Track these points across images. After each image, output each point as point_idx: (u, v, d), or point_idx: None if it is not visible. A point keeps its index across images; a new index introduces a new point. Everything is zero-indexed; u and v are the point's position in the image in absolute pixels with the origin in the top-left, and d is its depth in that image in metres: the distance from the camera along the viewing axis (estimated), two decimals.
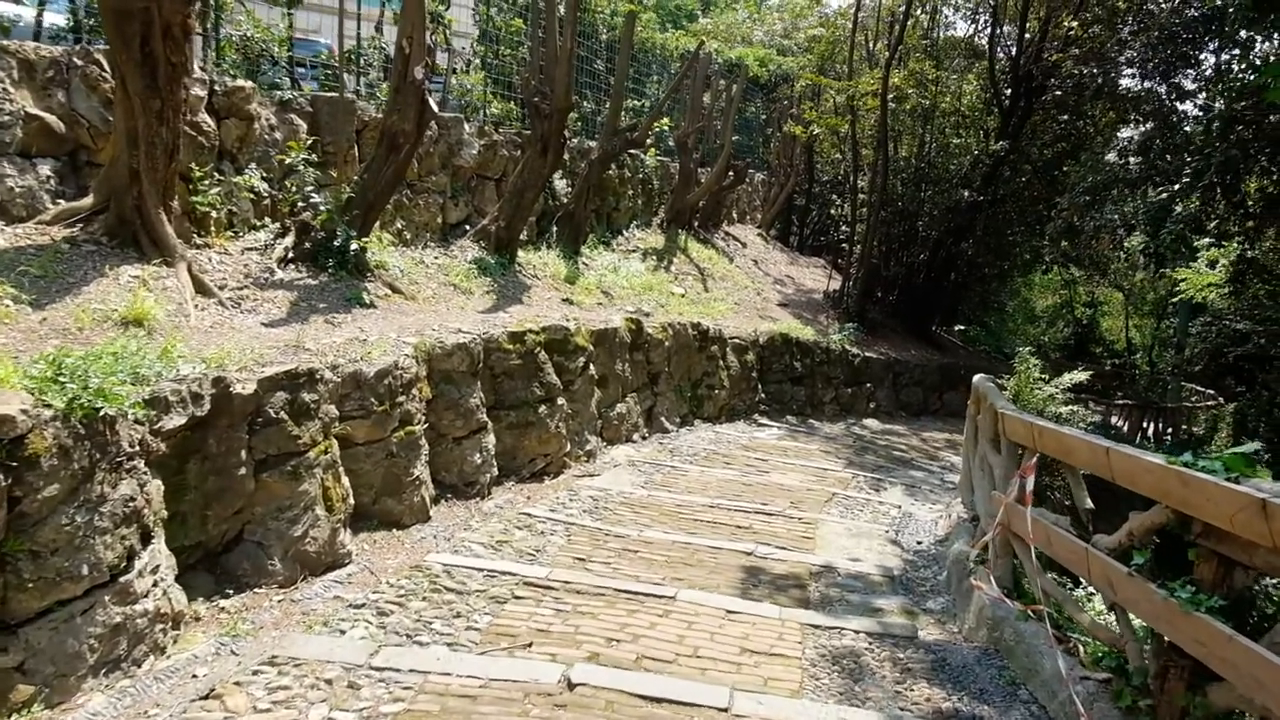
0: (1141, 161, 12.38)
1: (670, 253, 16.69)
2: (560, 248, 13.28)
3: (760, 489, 8.38)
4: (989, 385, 6.40)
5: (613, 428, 10.07)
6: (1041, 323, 34.88)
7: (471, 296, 9.75)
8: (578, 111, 15.93)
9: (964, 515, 6.84)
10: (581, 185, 13.65)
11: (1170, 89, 15.71)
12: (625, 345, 10.49)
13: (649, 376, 11.24)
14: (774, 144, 26.19)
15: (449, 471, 7.11)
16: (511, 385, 8.04)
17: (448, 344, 7.07)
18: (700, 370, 12.46)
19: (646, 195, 17.46)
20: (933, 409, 17.90)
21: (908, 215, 19.14)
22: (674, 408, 11.67)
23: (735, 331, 13.54)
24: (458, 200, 11.39)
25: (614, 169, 15.53)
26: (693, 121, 17.64)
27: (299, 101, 8.56)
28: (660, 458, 9.59)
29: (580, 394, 9.16)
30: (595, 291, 12.54)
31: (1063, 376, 10.00)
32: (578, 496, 7.56)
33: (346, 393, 5.80)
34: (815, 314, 17.89)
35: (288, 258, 7.72)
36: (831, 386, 15.24)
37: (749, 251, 20.71)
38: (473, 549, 5.83)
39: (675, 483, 8.38)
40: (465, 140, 11.36)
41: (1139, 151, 12.92)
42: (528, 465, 8.17)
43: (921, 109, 18.32)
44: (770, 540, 6.69)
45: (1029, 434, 4.71)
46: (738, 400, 13.26)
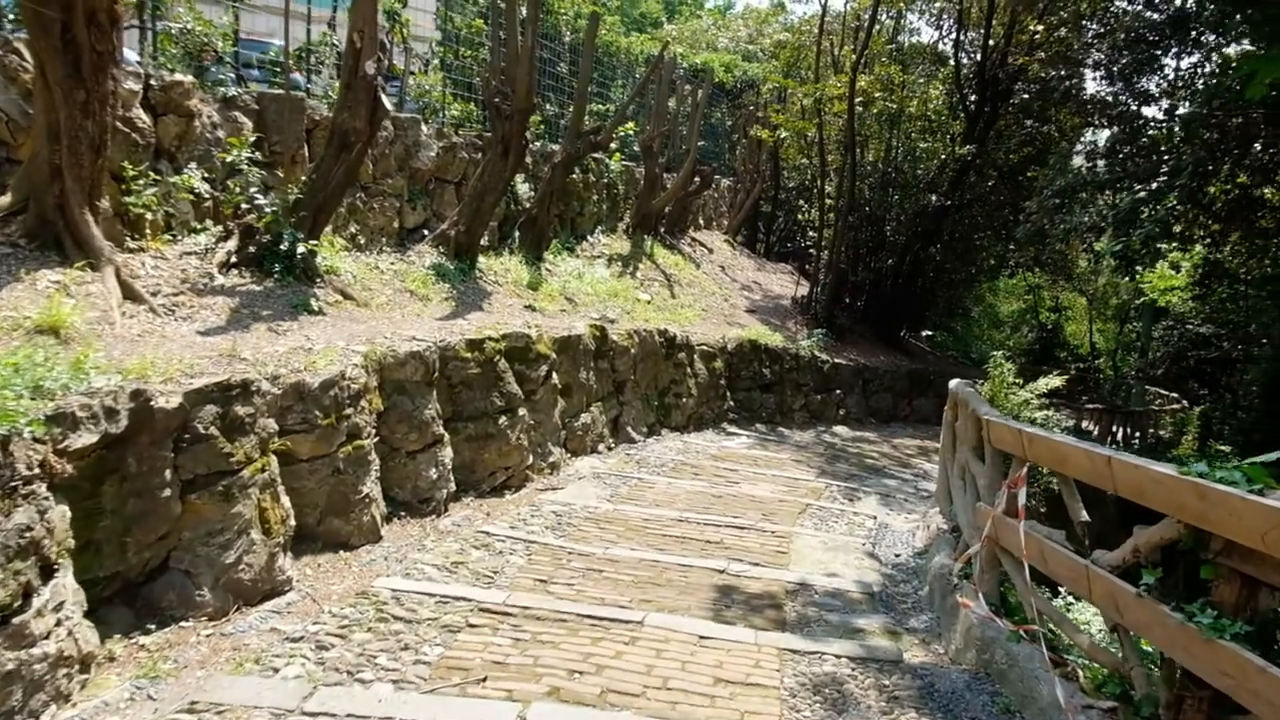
0: (1110, 164, 12.30)
1: (636, 259, 16.38)
2: (523, 253, 12.90)
3: (731, 501, 8.06)
4: (969, 390, 6.13)
5: (577, 438, 9.70)
6: (1006, 328, 35.09)
7: (429, 303, 9.34)
8: (540, 114, 15.57)
9: (943, 526, 6.56)
10: (544, 189, 13.28)
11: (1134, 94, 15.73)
12: (589, 353, 10.14)
13: (614, 385, 10.90)
14: (740, 150, 26.02)
15: (402, 488, 6.70)
16: (470, 395, 7.64)
17: (400, 352, 6.66)
18: (667, 378, 12.13)
19: (611, 200, 17.13)
20: (902, 415, 17.74)
21: (875, 220, 19.01)
22: (641, 417, 11.32)
23: (703, 338, 13.25)
24: (415, 204, 10.97)
25: (578, 173, 15.18)
26: (657, 125, 17.35)
27: (244, 99, 8.11)
28: (627, 469, 9.24)
29: (543, 404, 8.79)
30: (559, 298, 12.18)
31: (1038, 381, 9.82)
32: (540, 512, 7.18)
33: (288, 405, 5.38)
34: (784, 320, 17.66)
35: (230, 262, 7.27)
36: (801, 393, 14.99)
37: (716, 257, 20.46)
38: (425, 571, 5.42)
39: (642, 495, 8.03)
40: (423, 142, 10.95)
41: (1107, 155, 12.85)
42: (487, 479, 7.77)
43: (888, 113, 18.20)
44: (743, 556, 6.35)
45: (1018, 442, 4.43)
46: (706, 408, 12.95)
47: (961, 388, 6.38)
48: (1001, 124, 19.00)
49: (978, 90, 18.39)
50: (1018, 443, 4.43)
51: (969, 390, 6.15)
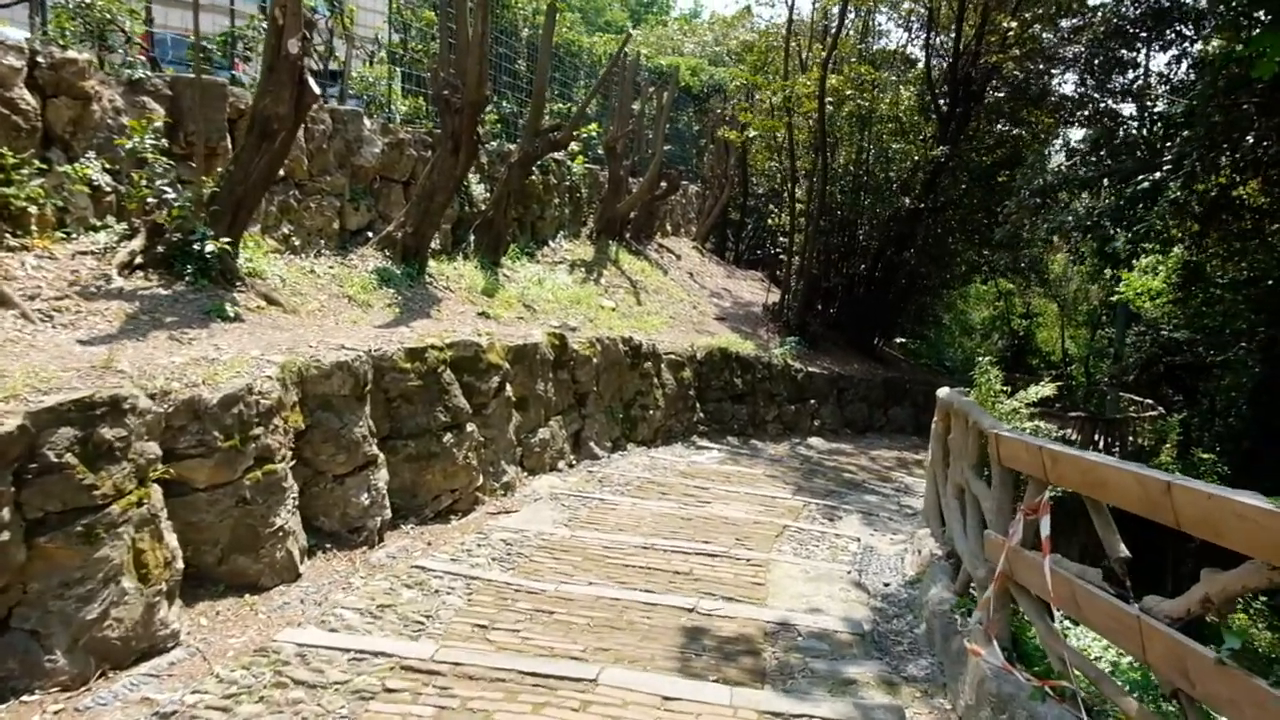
0: (1096, 161, 11.82)
1: (600, 264, 15.65)
2: (478, 258, 12.13)
3: (701, 523, 7.33)
4: (966, 400, 5.47)
5: (534, 456, 8.93)
6: (976, 335, 34.79)
7: (369, 310, 8.54)
8: (497, 112, 14.84)
9: (937, 552, 5.88)
10: (501, 190, 12.52)
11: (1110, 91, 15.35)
12: (548, 363, 9.38)
13: (576, 397, 10.14)
14: (708, 155, 25.44)
15: (328, 516, 5.90)
16: (410, 411, 6.86)
17: (326, 363, 5.87)
18: (633, 389, 11.40)
19: (574, 204, 16.40)
20: (878, 425, 17.15)
21: (847, 224, 18.46)
22: (604, 431, 10.58)
23: (671, 346, 12.54)
24: (358, 204, 10.17)
25: (538, 174, 14.45)
26: (621, 126, 16.66)
27: (154, 83, 7.28)
28: (588, 489, 8.48)
29: (495, 419, 8.02)
30: (516, 305, 11.41)
31: (1028, 389, 9.22)
32: (488, 540, 6.40)
33: (179, 426, 4.57)
34: (755, 328, 17.01)
35: (134, 264, 6.43)
36: (774, 404, 14.33)
37: (684, 264, 19.79)
38: (345, 618, 4.63)
39: (604, 519, 7.27)
40: (366, 137, 10.15)
41: (1091, 151, 12.38)
42: (430, 504, 6.98)
43: (859, 114, 17.67)
44: (715, 589, 5.62)
45: (1036, 461, 3.74)
46: (674, 421, 12.23)
47: (956, 397, 5.71)
48: (974, 125, 18.56)
49: (949, 90, 17.93)
50: (1037, 462, 3.75)
51: (967, 400, 5.48)
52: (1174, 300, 19.24)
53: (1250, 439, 12.09)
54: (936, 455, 6.77)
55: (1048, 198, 12.66)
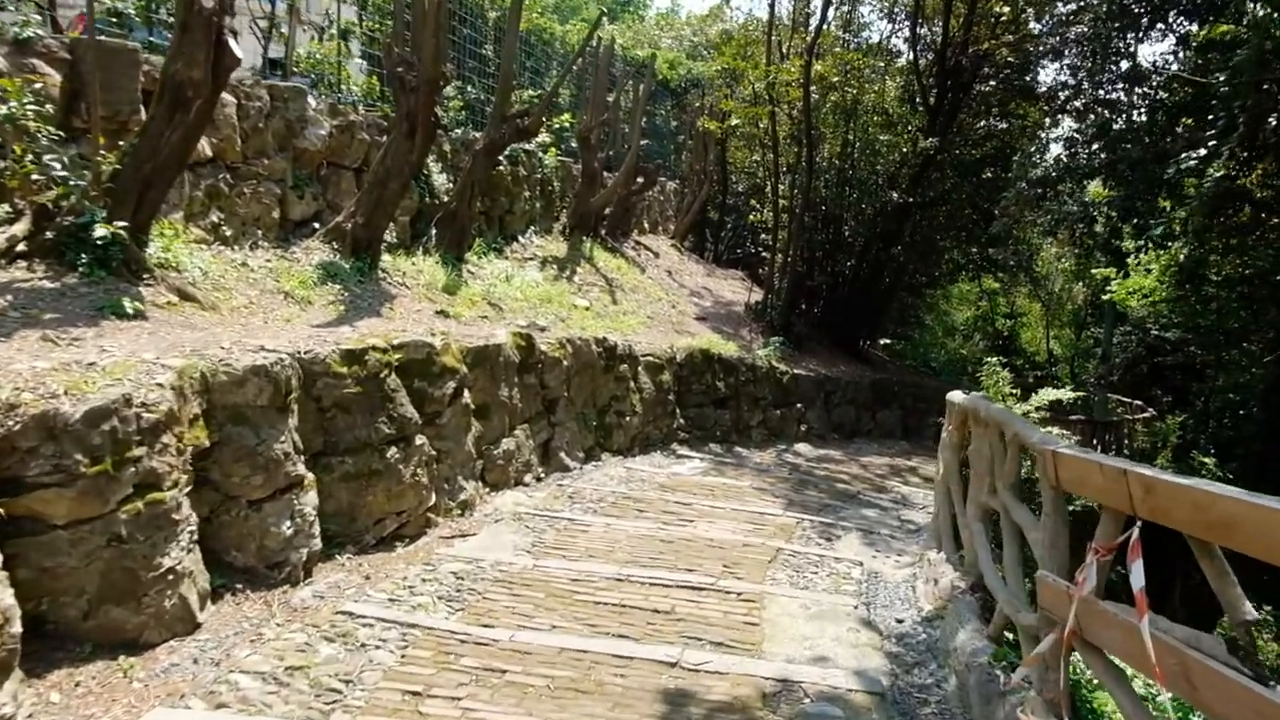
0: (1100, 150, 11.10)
1: (573, 261, 14.76)
2: (440, 253, 11.20)
3: (684, 547, 6.45)
4: (1002, 409, 4.62)
5: (497, 469, 8.02)
6: (959, 335, 34.17)
7: (309, 308, 7.60)
8: (463, 98, 13.93)
9: (958, 584, 5.02)
10: (465, 181, 11.59)
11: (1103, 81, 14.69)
12: (512, 366, 8.48)
13: (544, 403, 9.24)
14: (686, 152, 24.63)
15: (242, 549, 4.96)
16: (348, 422, 5.93)
17: (239, 368, 4.94)
18: (607, 394, 10.51)
19: (546, 198, 15.50)
20: (866, 430, 16.37)
21: (832, 220, 17.67)
22: (576, 439, 9.68)
23: (648, 348, 11.67)
24: (303, 192, 9.21)
25: (506, 165, 13.53)
26: (596, 116, 15.78)
27: (47, 44, 6.30)
28: (556, 506, 7.58)
29: (450, 429, 7.10)
30: (480, 303, 10.50)
31: (1041, 392, 8.43)
32: (436, 572, 5.49)
33: (29, 447, 3.64)
34: (737, 328, 16.17)
35: (15, 251, 5.47)
36: (759, 408, 13.49)
37: (662, 262, 18.93)
38: (241, 688, 3.70)
39: (573, 543, 6.38)
40: (311, 117, 9.20)
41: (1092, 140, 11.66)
42: (372, 529, 6.05)
43: (844, 106, 16.87)
44: (701, 633, 4.74)
45: (1119, 489, 2.88)
46: (653, 427, 11.35)
47: (983, 404, 4.87)
48: (962, 118, 17.85)
49: (937, 81, 17.20)
50: (1119, 490, 2.89)
51: (1000, 409, 4.64)
52: (1167, 299, 18.64)
53: (1262, 442, 11.40)
54: (951, 468, 5.94)
55: (1048, 189, 11.97)
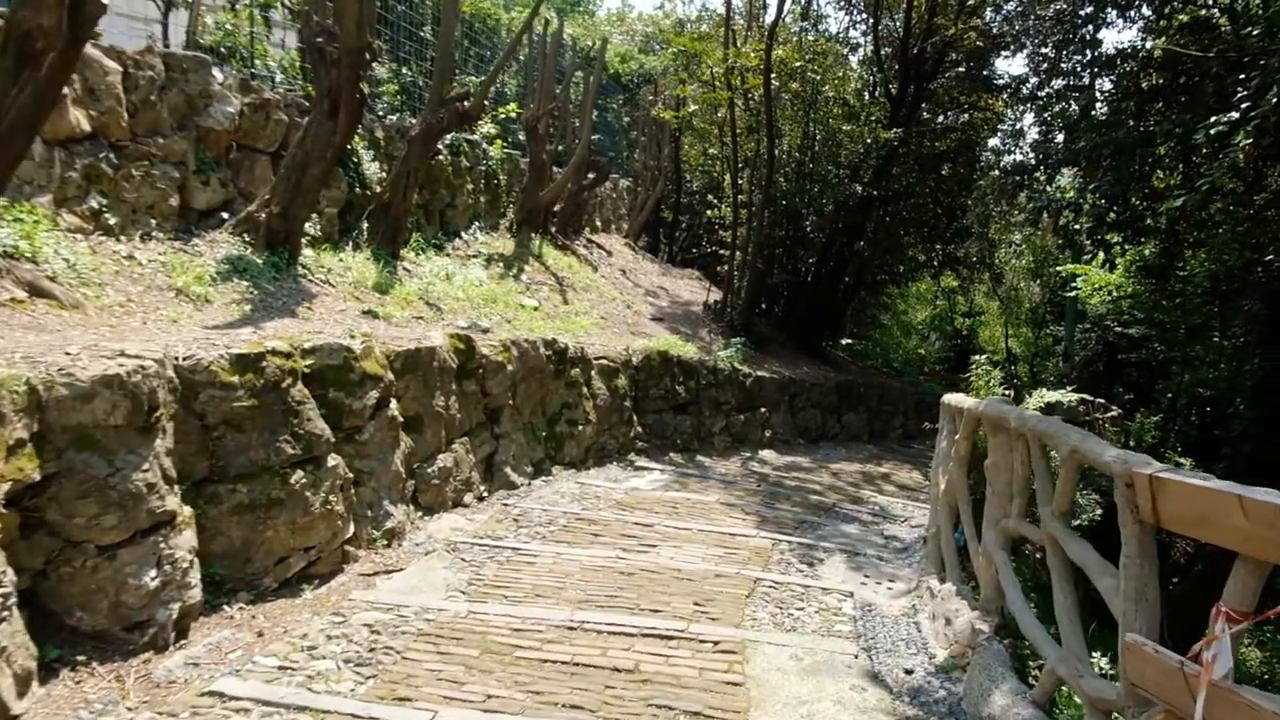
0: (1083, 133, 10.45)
1: (521, 259, 13.79)
2: (372, 249, 10.19)
3: (647, 581, 5.53)
4: (1045, 419, 3.77)
5: (432, 489, 7.03)
6: (915, 335, 33.77)
7: (206, 306, 6.54)
8: (398, 82, 12.90)
9: (980, 626, 4.17)
10: (400, 170, 10.56)
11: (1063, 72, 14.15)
12: (449, 372, 7.49)
13: (487, 413, 8.26)
14: (639, 149, 23.78)
15: (89, 609, 3.92)
16: (240, 441, 4.91)
17: (85, 379, 3.90)
18: (558, 401, 9.56)
19: (492, 192, 14.50)
20: (832, 434, 15.62)
21: (793, 215, 16.90)
22: (523, 452, 8.72)
23: (602, 350, 10.74)
24: (209, 177, 8.13)
25: (447, 155, 12.53)
26: (543, 104, 14.82)
27: None
28: (499, 531, 6.62)
29: (374, 445, 6.11)
30: (416, 303, 9.50)
31: (1039, 393, 7.69)
32: (347, 625, 4.50)
33: None
34: (695, 329, 15.32)
35: None
36: (721, 413, 12.63)
37: (616, 260, 18.02)
38: None
39: (517, 579, 5.42)
40: (217, 93, 8.12)
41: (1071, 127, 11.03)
42: (272, 570, 5.03)
43: (805, 96, 16.13)
44: (674, 699, 3.83)
45: (1273, 534, 2.04)
46: (608, 437, 10.43)
47: (1013, 411, 4.03)
48: (925, 109, 17.24)
49: (900, 70, 16.55)
50: (1273, 537, 2.03)
51: (1041, 417, 3.78)
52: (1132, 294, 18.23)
53: (1252, 442, 10.85)
54: (958, 485, 5.10)
55: (1026, 176, 11.36)
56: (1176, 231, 13.29)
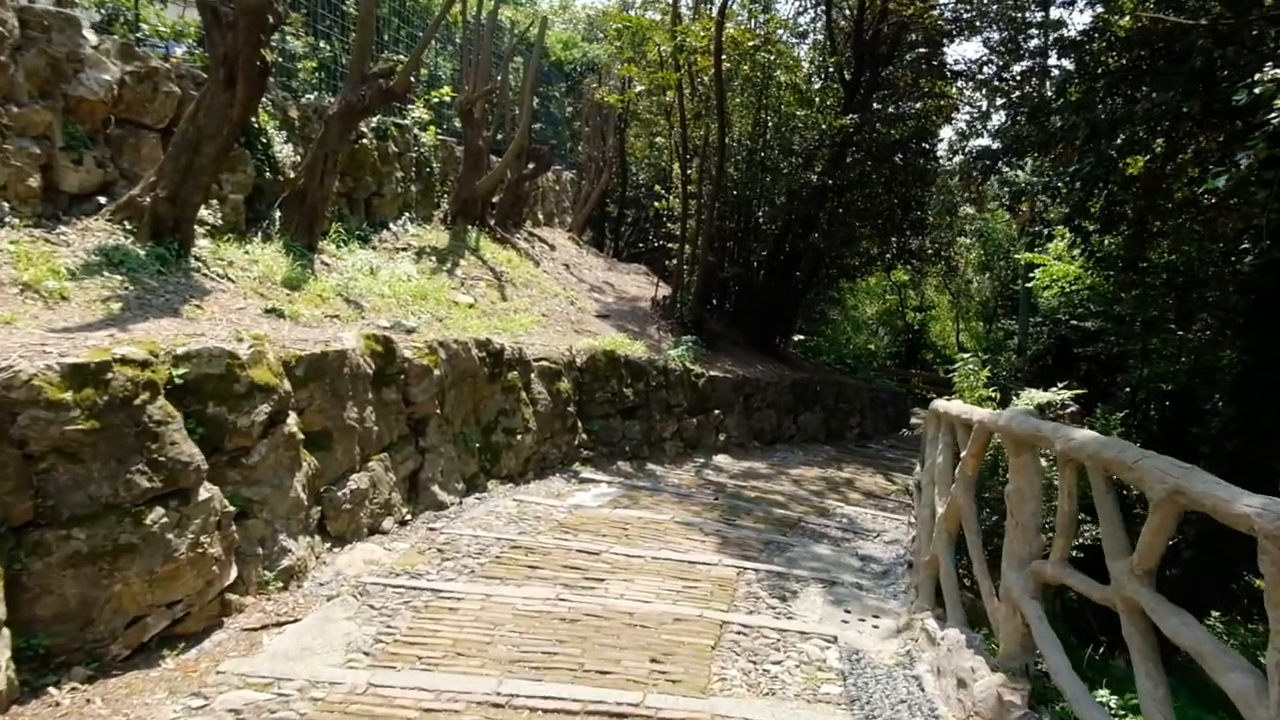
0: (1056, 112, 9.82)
1: (456, 253, 12.79)
2: (285, 240, 9.11)
3: (593, 630, 4.63)
4: (1096, 438, 2.94)
5: (343, 515, 6.05)
6: (865, 331, 33.42)
7: (61, 305, 5.45)
8: (316, 58, 11.77)
9: (1010, 697, 3.33)
10: (317, 153, 9.49)
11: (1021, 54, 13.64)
12: (364, 378, 6.50)
13: (411, 424, 7.28)
14: (583, 141, 22.86)
15: None
16: (76, 474, 3.89)
17: None
18: (494, 408, 8.61)
19: (424, 182, 13.47)
20: (788, 435, 14.89)
21: (744, 206, 16.14)
22: (454, 467, 7.75)
23: (543, 351, 9.82)
24: (81, 155, 6.99)
25: (372, 139, 11.47)
26: (479, 86, 13.81)
27: None
28: (421, 565, 5.66)
29: (266, 470, 5.11)
30: (333, 300, 8.46)
31: (1026, 394, 6.98)
32: (208, 709, 3.53)
33: None
34: (643, 326, 14.46)
35: None
36: (673, 417, 11.78)
37: (559, 255, 17.08)
38: None
39: (435, 633, 4.48)
40: (90, 57, 7.00)
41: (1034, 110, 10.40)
42: (123, 634, 4.02)
43: (757, 81, 15.35)
44: None
45: None
46: (550, 446, 9.51)
47: (1055, 429, 3.21)
48: (881, 95, 16.60)
49: (854, 53, 15.88)
50: None
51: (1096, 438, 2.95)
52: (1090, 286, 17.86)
53: (1234, 439, 10.36)
54: (965, 513, 4.30)
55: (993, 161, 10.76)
56: (1145, 220, 12.82)
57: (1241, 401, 10.48)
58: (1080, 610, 7.35)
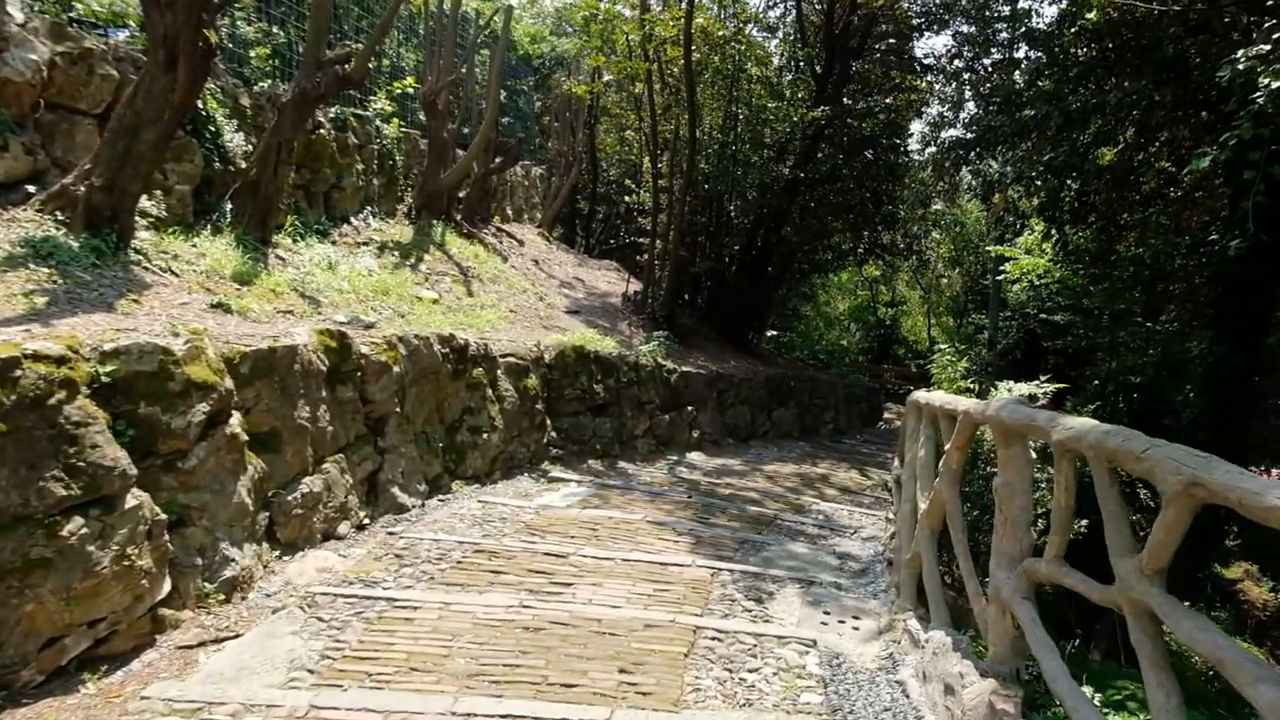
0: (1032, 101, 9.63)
1: (421, 247, 12.42)
2: (238, 233, 8.70)
3: (558, 639, 4.32)
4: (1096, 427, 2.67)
5: (294, 521, 5.69)
6: (837, 327, 33.34)
7: None
8: (269, 44, 11.34)
9: (1003, 705, 3.05)
10: (270, 142, 9.08)
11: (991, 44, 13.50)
12: (318, 375, 6.14)
13: (369, 423, 6.93)
14: (552, 136, 22.52)
15: None
16: None
17: None
18: (458, 406, 8.27)
19: (388, 175, 13.06)
20: (762, 431, 14.66)
21: (716, 199, 15.87)
22: (416, 468, 7.40)
23: (510, 347, 9.48)
24: (6, 141, 6.57)
25: (330, 130, 11.07)
26: (443, 76, 13.43)
27: None
28: (377, 573, 5.31)
29: (205, 473, 4.74)
30: (287, 295, 8.06)
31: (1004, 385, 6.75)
32: None
33: None
34: (614, 321, 14.16)
35: None
36: (645, 414, 11.49)
37: (528, 250, 16.71)
38: None
39: (388, 646, 4.15)
40: (15, 36, 6.57)
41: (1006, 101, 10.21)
42: (37, 659, 3.65)
43: (727, 72, 15.09)
44: None
45: None
46: (518, 444, 9.18)
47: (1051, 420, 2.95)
48: (852, 88, 16.41)
49: (825, 44, 15.68)
50: None
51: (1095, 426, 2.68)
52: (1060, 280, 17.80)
53: (1205, 431, 10.26)
54: (950, 507, 4.04)
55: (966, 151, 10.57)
56: (1114, 212, 12.73)
57: (1212, 393, 10.38)
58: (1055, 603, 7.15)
